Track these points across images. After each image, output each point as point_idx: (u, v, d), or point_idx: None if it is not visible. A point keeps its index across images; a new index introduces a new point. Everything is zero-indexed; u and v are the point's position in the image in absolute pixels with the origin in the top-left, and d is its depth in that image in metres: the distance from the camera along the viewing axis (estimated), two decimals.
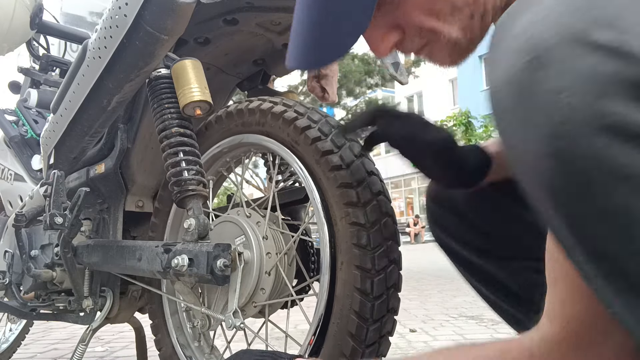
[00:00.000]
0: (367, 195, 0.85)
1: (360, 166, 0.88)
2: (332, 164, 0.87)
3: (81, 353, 1.29)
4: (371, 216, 0.84)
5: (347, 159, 0.87)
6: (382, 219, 0.85)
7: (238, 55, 1.25)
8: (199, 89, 0.98)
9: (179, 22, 0.91)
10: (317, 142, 0.89)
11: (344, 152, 0.88)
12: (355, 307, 0.82)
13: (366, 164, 0.89)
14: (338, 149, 0.88)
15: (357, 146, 0.90)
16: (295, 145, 0.93)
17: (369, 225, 0.83)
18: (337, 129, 0.90)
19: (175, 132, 1.00)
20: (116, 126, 1.26)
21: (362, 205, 0.84)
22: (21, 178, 1.67)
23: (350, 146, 0.89)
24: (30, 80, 1.86)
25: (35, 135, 1.69)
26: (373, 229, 0.84)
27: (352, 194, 0.85)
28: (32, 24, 1.61)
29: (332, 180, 0.87)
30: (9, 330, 2.11)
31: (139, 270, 1.06)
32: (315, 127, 0.91)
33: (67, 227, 1.18)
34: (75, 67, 1.10)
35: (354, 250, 0.83)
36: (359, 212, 0.84)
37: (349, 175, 0.86)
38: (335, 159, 0.87)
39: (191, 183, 0.97)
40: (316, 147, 0.89)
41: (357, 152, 0.89)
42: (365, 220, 0.83)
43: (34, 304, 1.45)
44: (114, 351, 2.21)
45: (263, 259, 0.96)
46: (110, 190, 1.32)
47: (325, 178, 0.88)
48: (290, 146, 0.95)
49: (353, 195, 0.85)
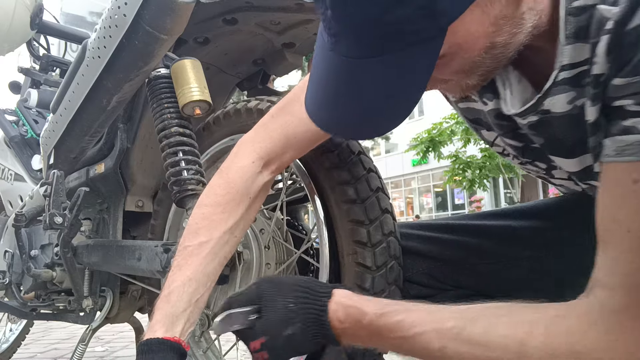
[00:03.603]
0: (367, 193, 0.85)
1: (359, 164, 0.88)
2: (330, 162, 0.87)
3: (81, 353, 1.29)
4: (371, 214, 0.84)
5: (346, 158, 0.87)
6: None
7: (238, 55, 1.25)
8: (198, 89, 0.98)
9: (178, 21, 0.91)
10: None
11: (342, 152, 0.88)
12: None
13: (364, 161, 0.89)
14: (336, 148, 0.88)
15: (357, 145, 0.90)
16: None
17: (368, 222, 0.83)
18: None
19: (174, 131, 1.00)
20: (116, 126, 1.26)
21: (360, 202, 0.84)
22: (21, 178, 1.67)
23: (349, 144, 0.89)
24: (30, 80, 1.86)
25: (35, 135, 1.69)
26: (372, 225, 0.83)
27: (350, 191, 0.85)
28: (32, 24, 1.61)
29: (330, 179, 0.86)
30: (9, 330, 2.12)
31: (139, 269, 1.06)
32: None
33: (66, 226, 1.18)
34: (74, 67, 1.10)
35: (354, 247, 0.83)
36: (358, 209, 0.84)
37: (347, 174, 0.86)
38: (333, 158, 0.87)
39: (190, 183, 0.97)
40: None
41: (355, 150, 0.89)
42: (364, 218, 0.83)
43: (34, 303, 1.45)
44: (114, 351, 2.22)
45: (262, 268, 0.97)
46: (110, 190, 1.32)
47: (324, 177, 0.88)
48: None
49: (352, 193, 0.84)
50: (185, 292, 0.70)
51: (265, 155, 0.78)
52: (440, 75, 0.54)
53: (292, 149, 0.78)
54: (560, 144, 0.63)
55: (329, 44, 0.50)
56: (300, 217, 1.20)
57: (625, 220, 0.47)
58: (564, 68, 0.54)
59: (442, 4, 0.44)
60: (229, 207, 0.76)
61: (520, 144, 0.72)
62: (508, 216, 0.87)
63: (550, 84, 0.56)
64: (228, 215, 0.75)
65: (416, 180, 24.38)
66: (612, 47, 0.48)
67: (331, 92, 0.52)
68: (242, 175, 0.78)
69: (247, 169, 0.78)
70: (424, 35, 0.45)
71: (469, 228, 0.86)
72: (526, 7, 0.51)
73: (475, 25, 0.48)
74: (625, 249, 0.47)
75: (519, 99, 0.62)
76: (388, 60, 0.47)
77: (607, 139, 0.50)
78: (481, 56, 0.52)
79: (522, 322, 0.50)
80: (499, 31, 0.50)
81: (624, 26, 0.46)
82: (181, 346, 0.65)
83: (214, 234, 0.74)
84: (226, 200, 0.76)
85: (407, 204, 25.13)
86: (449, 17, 0.45)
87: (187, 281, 0.71)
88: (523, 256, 0.80)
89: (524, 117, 0.63)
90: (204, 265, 0.73)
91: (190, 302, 0.70)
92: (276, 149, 0.78)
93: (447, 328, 0.53)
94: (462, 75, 0.55)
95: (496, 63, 0.54)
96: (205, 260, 0.73)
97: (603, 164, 0.51)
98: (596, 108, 0.52)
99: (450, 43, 0.48)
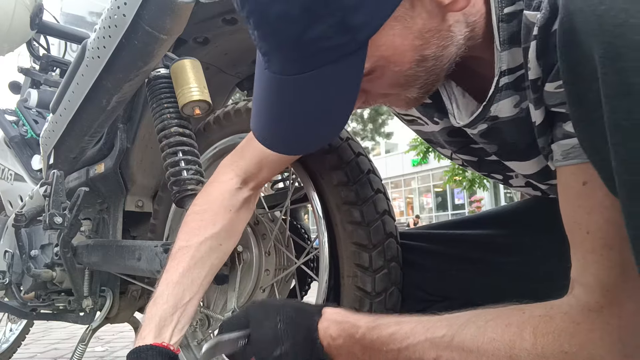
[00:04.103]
0: (368, 193, 0.85)
1: (358, 164, 0.88)
2: (330, 163, 0.87)
3: (81, 353, 1.29)
4: (368, 216, 0.84)
5: (346, 158, 0.87)
6: (380, 217, 0.85)
7: (237, 54, 1.25)
8: (198, 89, 0.98)
9: (178, 21, 0.91)
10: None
11: (343, 151, 0.88)
12: (356, 305, 0.82)
13: (362, 163, 0.89)
14: (336, 149, 0.88)
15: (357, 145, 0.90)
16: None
17: (365, 224, 0.84)
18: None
19: (174, 131, 1.00)
20: (116, 126, 1.26)
21: (360, 203, 0.84)
22: (21, 178, 1.67)
23: (349, 144, 0.89)
24: (30, 81, 1.86)
25: (35, 135, 1.69)
26: (372, 226, 0.84)
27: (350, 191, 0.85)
28: (32, 24, 1.61)
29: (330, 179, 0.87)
30: (10, 330, 2.12)
31: (139, 269, 1.06)
32: None
33: (66, 226, 1.18)
34: (74, 67, 1.10)
35: (353, 249, 0.83)
36: (356, 211, 0.84)
37: (346, 173, 0.86)
38: (334, 159, 0.87)
39: (190, 183, 0.98)
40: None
41: (356, 151, 0.89)
42: (361, 219, 0.84)
43: (34, 303, 1.45)
44: (114, 351, 2.22)
45: (262, 275, 0.97)
46: (110, 190, 1.32)
47: (324, 177, 0.88)
48: None
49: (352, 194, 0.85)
50: (171, 295, 0.71)
51: (242, 173, 0.84)
52: (377, 89, 0.56)
53: (266, 167, 0.84)
54: (513, 148, 0.64)
55: (262, 63, 0.52)
56: (300, 217, 1.20)
57: (582, 221, 0.48)
58: (503, 73, 0.55)
59: (358, 19, 0.45)
60: (206, 216, 0.81)
61: (475, 159, 0.74)
62: (482, 223, 0.91)
63: (493, 90, 0.57)
64: (206, 225, 0.80)
65: (416, 180, 24.38)
66: (540, 53, 0.48)
67: (269, 109, 0.54)
68: (221, 191, 0.84)
69: (226, 185, 0.84)
70: (345, 51, 0.47)
71: (449, 237, 0.90)
72: (453, 20, 0.52)
73: (399, 38, 0.49)
74: (588, 250, 0.47)
75: (465, 112, 0.63)
76: (317, 76, 0.48)
77: (553, 144, 0.51)
78: (413, 69, 0.53)
79: (510, 324, 0.51)
80: (427, 44, 0.51)
81: (548, 30, 0.46)
82: (170, 351, 0.66)
83: (191, 241, 0.78)
84: (204, 210, 0.82)
85: (407, 204, 25.13)
86: (366, 31, 0.47)
87: (173, 285, 0.73)
88: (500, 262, 0.82)
89: (474, 127, 0.64)
90: (188, 270, 0.75)
91: (177, 306, 0.71)
92: (252, 168, 0.84)
93: (439, 337, 0.54)
94: (399, 88, 0.56)
95: (433, 76, 0.55)
96: (189, 264, 0.76)
97: (556, 168, 0.52)
98: (540, 111, 0.52)
99: (376, 57, 0.49)
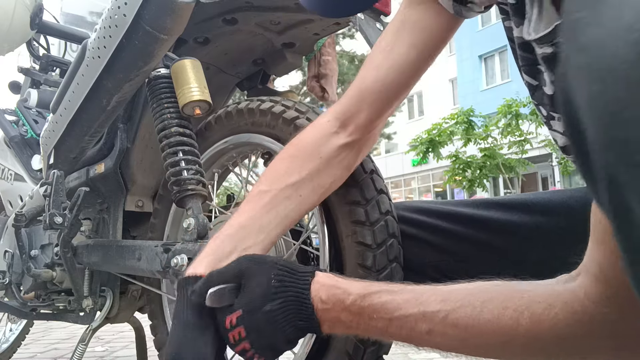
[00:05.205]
0: (371, 193, 0.85)
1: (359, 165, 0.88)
2: None
3: (81, 353, 1.29)
4: (372, 215, 0.84)
5: None
6: (383, 218, 0.85)
7: (237, 54, 1.25)
8: (198, 89, 0.98)
9: (178, 21, 0.91)
10: None
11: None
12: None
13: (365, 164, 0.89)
14: None
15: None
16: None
17: (369, 224, 0.83)
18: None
19: (174, 131, 1.00)
20: (116, 126, 1.26)
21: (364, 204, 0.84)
22: (21, 178, 1.67)
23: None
24: (30, 80, 1.86)
25: (35, 135, 1.69)
26: (375, 226, 0.84)
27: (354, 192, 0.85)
28: (32, 24, 1.61)
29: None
30: (9, 330, 2.12)
31: (139, 269, 1.06)
32: None
33: (66, 226, 1.18)
34: (74, 67, 1.10)
35: (356, 248, 0.83)
36: (360, 210, 0.84)
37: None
38: None
39: (190, 183, 0.97)
40: None
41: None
42: (365, 219, 0.83)
43: (34, 303, 1.45)
44: (114, 351, 2.22)
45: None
46: (110, 190, 1.32)
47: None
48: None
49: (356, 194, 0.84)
50: (234, 237, 0.69)
51: (340, 114, 0.75)
52: None
53: (365, 105, 0.74)
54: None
55: None
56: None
57: (597, 210, 0.44)
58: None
59: None
60: (294, 163, 0.74)
61: (536, 83, 0.63)
62: (514, 208, 0.80)
63: None
64: (292, 171, 0.73)
65: (416, 180, 24.38)
66: None
67: None
68: (313, 134, 0.75)
69: (320, 128, 0.76)
70: None
71: (474, 219, 0.80)
72: None
73: None
74: (599, 240, 0.45)
75: (546, 22, 0.52)
76: None
77: None
78: None
79: (507, 307, 0.49)
80: None
81: None
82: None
83: (273, 185, 0.72)
84: (291, 156, 0.75)
85: None
86: None
87: (238, 227, 0.70)
88: (529, 259, 0.75)
89: (540, 46, 0.54)
90: (260, 214, 0.71)
91: (237, 248, 0.68)
92: (351, 107, 0.75)
93: (433, 311, 0.52)
94: None
95: None
96: (263, 210, 0.71)
97: None
98: None
99: None
